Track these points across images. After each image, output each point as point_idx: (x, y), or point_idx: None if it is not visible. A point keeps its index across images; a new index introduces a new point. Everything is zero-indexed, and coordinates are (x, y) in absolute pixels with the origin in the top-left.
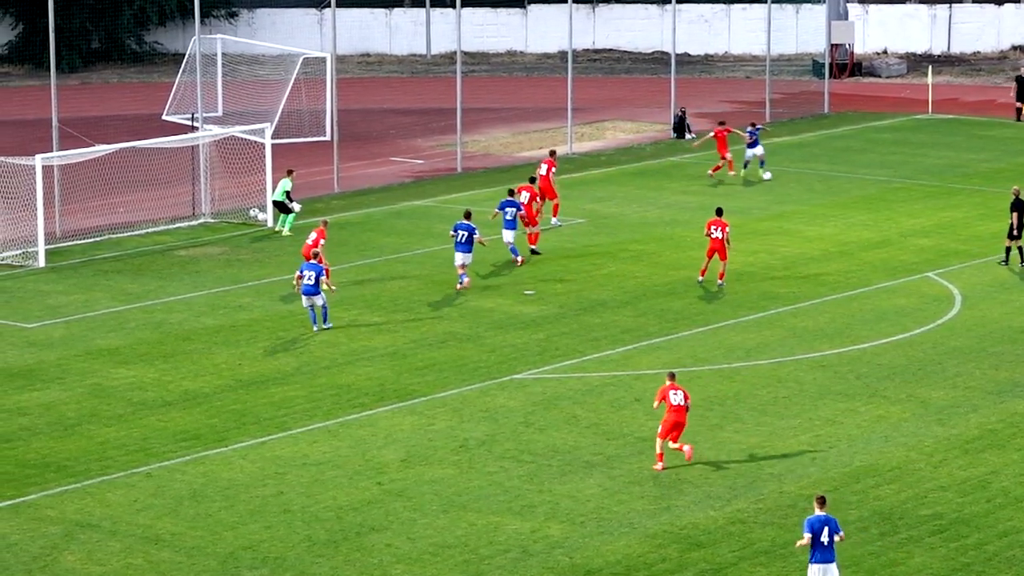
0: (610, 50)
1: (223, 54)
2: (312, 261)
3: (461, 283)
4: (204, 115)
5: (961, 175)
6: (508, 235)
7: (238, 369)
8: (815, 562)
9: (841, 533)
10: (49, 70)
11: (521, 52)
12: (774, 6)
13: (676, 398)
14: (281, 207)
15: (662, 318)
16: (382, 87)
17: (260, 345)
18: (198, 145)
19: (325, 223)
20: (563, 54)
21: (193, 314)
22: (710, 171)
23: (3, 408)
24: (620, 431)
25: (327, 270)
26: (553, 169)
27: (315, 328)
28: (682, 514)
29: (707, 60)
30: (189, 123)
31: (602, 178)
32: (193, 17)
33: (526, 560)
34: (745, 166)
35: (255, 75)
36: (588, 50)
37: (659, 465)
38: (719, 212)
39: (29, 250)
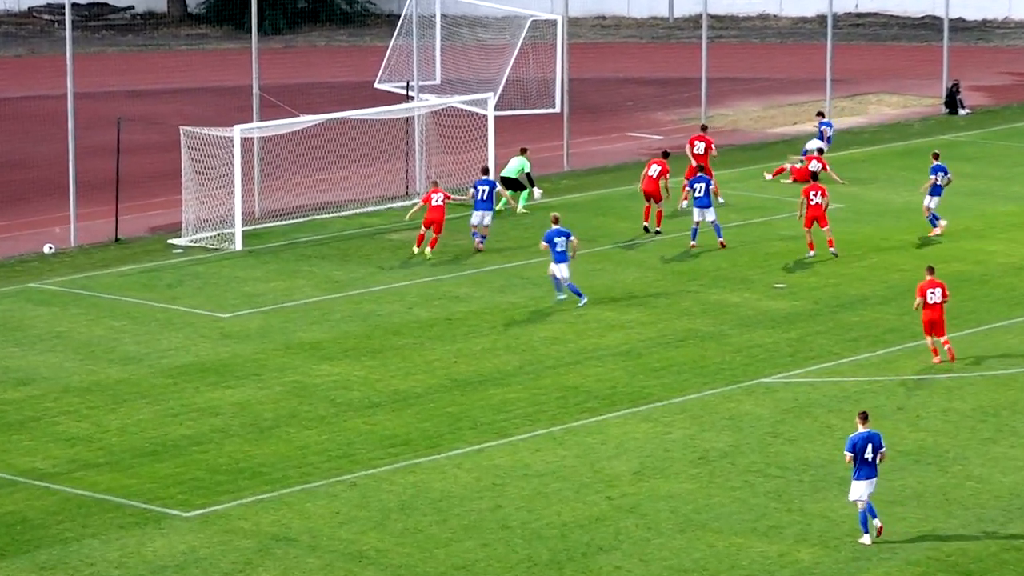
0: (875, 14)
1: (442, 15)
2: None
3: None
4: (420, 83)
5: None
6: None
7: (453, 368)
8: (859, 478)
9: (883, 449)
10: (250, 32)
11: (775, 16)
12: None
13: (934, 296)
14: (512, 184)
15: None
16: (618, 54)
17: (479, 341)
18: (413, 116)
19: None
20: (822, 18)
21: (405, 305)
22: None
23: (193, 407)
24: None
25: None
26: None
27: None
28: (949, 539)
29: (984, 26)
30: (403, 92)
31: (864, 158)
32: None
33: None
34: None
35: (477, 39)
36: (850, 14)
37: (936, 359)
38: (814, 176)
39: (225, 232)
